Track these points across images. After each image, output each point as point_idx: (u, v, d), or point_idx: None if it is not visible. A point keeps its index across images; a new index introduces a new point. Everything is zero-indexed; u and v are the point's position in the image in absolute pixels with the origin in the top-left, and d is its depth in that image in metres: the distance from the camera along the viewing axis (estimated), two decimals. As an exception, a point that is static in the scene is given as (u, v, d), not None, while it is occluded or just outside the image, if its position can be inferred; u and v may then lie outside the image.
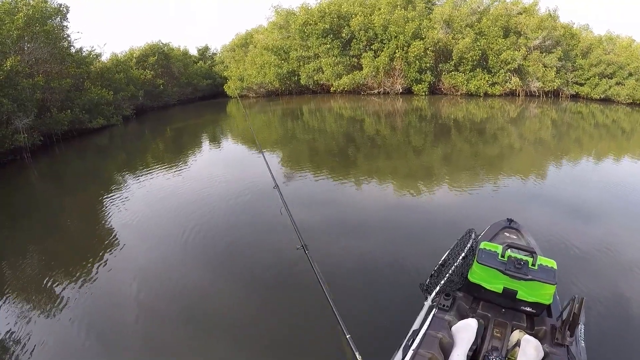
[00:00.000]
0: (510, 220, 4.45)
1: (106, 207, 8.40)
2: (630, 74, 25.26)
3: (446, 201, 7.97)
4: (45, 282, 5.40)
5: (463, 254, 3.53)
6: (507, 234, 4.23)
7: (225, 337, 4.22)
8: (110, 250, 6.25)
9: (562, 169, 10.70)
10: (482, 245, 3.37)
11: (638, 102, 24.40)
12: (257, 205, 7.88)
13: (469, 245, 3.59)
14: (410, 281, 4.69)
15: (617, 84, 25.65)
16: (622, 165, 11.38)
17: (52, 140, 16.48)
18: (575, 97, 26.99)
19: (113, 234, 6.99)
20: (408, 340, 3.01)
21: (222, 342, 4.14)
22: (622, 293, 4.61)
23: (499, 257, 3.21)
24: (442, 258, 3.87)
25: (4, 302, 4.96)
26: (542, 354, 2.73)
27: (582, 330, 3.07)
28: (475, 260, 3.28)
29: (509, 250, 3.26)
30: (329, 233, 6.47)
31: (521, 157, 12.00)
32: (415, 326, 3.20)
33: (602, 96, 25.84)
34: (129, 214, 7.80)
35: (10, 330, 4.40)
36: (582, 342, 3.01)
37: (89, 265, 5.79)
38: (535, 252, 3.21)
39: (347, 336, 2.82)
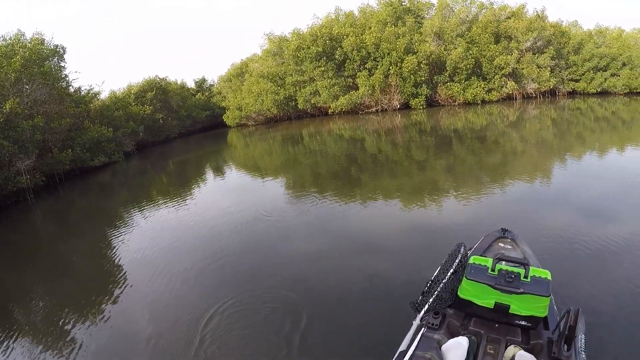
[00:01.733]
0: (504, 230, 4.22)
1: (112, 245, 8.31)
2: (624, 64, 25.44)
3: (445, 214, 7.77)
4: (55, 322, 5.33)
5: (452, 270, 3.41)
6: (502, 244, 4.00)
7: None
8: (118, 288, 6.16)
9: (563, 171, 10.26)
10: (472, 259, 3.24)
11: (635, 90, 24.45)
12: (262, 234, 7.73)
13: (457, 260, 3.49)
14: (404, 299, 4.47)
15: (612, 75, 25.82)
16: (626, 160, 10.83)
17: (54, 180, 16.61)
18: (572, 93, 27.13)
19: (121, 272, 6.90)
20: None
21: None
22: (626, 303, 4.37)
23: (489, 271, 3.07)
24: (434, 274, 3.70)
25: (14, 343, 4.94)
26: None
27: (583, 341, 2.88)
28: (464, 276, 3.16)
29: (499, 263, 3.13)
30: (328, 254, 6.44)
31: (521, 163, 11.61)
32: (402, 347, 3.06)
33: (598, 90, 26.01)
34: (136, 250, 7.70)
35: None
36: (583, 353, 2.83)
37: (98, 304, 5.71)
38: (527, 264, 3.07)
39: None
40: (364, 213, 8.40)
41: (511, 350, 2.88)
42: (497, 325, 3.15)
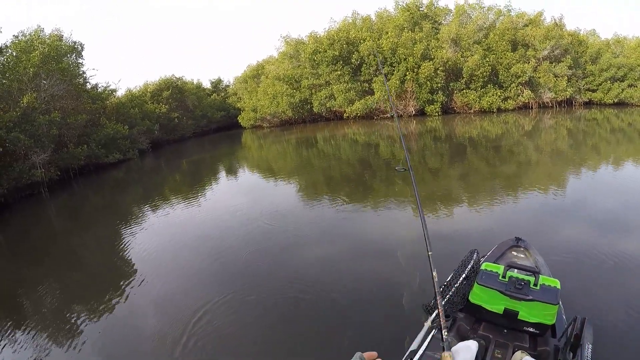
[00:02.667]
0: (518, 239, 4.31)
1: (123, 240, 8.37)
2: (642, 74, 25.10)
3: (458, 222, 7.80)
4: (65, 315, 5.40)
5: (464, 275, 3.50)
6: (515, 253, 4.11)
7: None
8: (129, 284, 6.19)
9: (578, 182, 10.23)
10: (484, 266, 3.36)
11: (652, 101, 24.19)
12: (275, 234, 7.76)
13: (469, 266, 3.57)
14: (417, 301, 4.60)
15: (630, 86, 25.51)
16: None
17: (69, 175, 16.91)
18: (589, 104, 26.87)
19: (132, 267, 6.97)
20: None
21: None
22: (636, 315, 4.33)
23: (500, 277, 3.18)
24: (448, 279, 3.82)
25: (24, 335, 5.02)
26: None
27: (590, 350, 2.89)
28: (475, 282, 3.27)
29: (510, 270, 3.24)
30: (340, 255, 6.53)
31: (537, 173, 11.55)
32: (413, 347, 3.13)
33: (615, 100, 25.69)
34: (148, 247, 7.74)
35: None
36: None
37: (109, 298, 5.76)
38: (538, 272, 3.16)
39: (429, 253, 2.97)
40: (376, 218, 8.43)
41: (518, 355, 2.91)
42: (505, 330, 3.23)
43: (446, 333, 2.71)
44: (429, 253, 2.93)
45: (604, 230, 6.70)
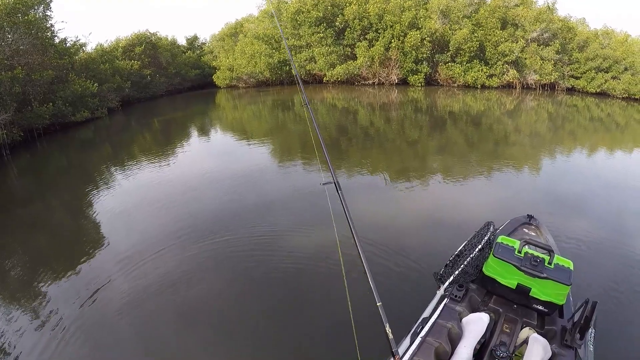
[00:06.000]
0: (530, 217, 4.39)
1: (90, 201, 8.26)
2: (626, 69, 25.04)
3: (466, 193, 7.99)
4: (30, 282, 5.26)
5: (480, 246, 3.48)
6: (526, 230, 4.20)
7: (217, 326, 4.23)
8: (96, 246, 6.14)
9: (585, 165, 10.57)
10: (500, 239, 3.29)
11: (633, 96, 24.18)
12: (247, 195, 7.84)
13: (486, 238, 3.55)
14: (425, 270, 4.73)
15: (613, 78, 25.41)
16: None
17: (33, 136, 15.63)
18: (571, 90, 26.68)
19: (98, 229, 6.90)
20: (417, 328, 2.99)
21: (211, 332, 4.15)
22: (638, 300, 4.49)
23: (516, 252, 3.15)
24: (459, 249, 3.86)
25: None
26: (549, 354, 2.67)
27: (593, 334, 3.03)
28: (491, 254, 3.23)
29: (526, 246, 3.20)
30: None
31: (543, 152, 11.74)
32: (425, 314, 3.21)
33: (597, 90, 25.56)
34: (115, 208, 7.64)
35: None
36: (591, 346, 2.96)
37: (75, 262, 5.66)
38: (552, 251, 3.14)
39: (378, 304, 2.55)
40: (349, 184, 8.50)
41: (526, 332, 2.96)
42: (515, 306, 3.23)
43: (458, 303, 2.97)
44: (378, 304, 2.43)
45: (613, 215, 6.91)
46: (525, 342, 2.78)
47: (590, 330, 2.92)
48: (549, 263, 3.04)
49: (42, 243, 6.63)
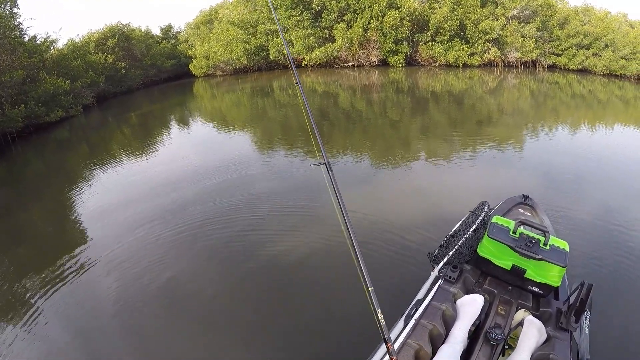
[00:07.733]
0: (525, 197, 4.33)
1: (71, 203, 8.08)
2: (607, 45, 24.96)
3: (459, 173, 7.89)
4: (15, 289, 5.15)
5: (474, 227, 3.43)
6: (521, 210, 4.13)
7: (205, 319, 4.23)
8: (79, 247, 6.01)
9: (578, 143, 10.42)
10: (495, 219, 3.21)
11: (614, 73, 24.14)
12: (231, 185, 7.75)
13: (480, 218, 3.50)
14: (419, 250, 4.65)
15: (594, 55, 25.33)
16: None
17: (6, 140, 14.79)
18: (553, 67, 26.54)
19: (81, 230, 6.79)
20: (411, 310, 2.95)
21: (200, 325, 4.14)
22: (634, 282, 4.42)
23: (511, 233, 3.08)
24: (454, 229, 3.78)
25: None
26: (544, 337, 2.67)
27: (588, 317, 2.99)
28: (485, 234, 3.15)
29: (521, 227, 3.12)
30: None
31: (537, 131, 11.64)
32: (419, 296, 3.15)
33: (579, 67, 25.45)
34: (96, 207, 7.52)
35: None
36: (587, 328, 2.94)
37: (60, 265, 5.55)
38: (547, 232, 3.04)
39: (370, 289, 2.40)
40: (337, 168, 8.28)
41: (521, 314, 2.93)
42: (510, 287, 3.17)
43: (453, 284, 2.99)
44: (370, 289, 2.24)
45: (609, 197, 6.73)
46: (520, 324, 2.76)
47: (585, 312, 2.90)
48: (544, 244, 2.97)
49: (21, 249, 6.52)
